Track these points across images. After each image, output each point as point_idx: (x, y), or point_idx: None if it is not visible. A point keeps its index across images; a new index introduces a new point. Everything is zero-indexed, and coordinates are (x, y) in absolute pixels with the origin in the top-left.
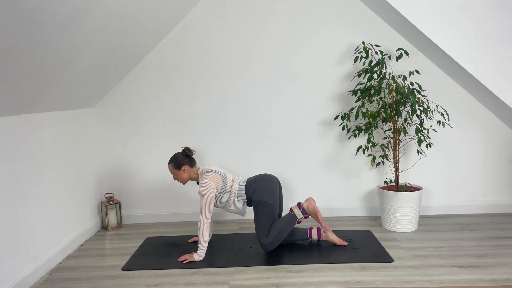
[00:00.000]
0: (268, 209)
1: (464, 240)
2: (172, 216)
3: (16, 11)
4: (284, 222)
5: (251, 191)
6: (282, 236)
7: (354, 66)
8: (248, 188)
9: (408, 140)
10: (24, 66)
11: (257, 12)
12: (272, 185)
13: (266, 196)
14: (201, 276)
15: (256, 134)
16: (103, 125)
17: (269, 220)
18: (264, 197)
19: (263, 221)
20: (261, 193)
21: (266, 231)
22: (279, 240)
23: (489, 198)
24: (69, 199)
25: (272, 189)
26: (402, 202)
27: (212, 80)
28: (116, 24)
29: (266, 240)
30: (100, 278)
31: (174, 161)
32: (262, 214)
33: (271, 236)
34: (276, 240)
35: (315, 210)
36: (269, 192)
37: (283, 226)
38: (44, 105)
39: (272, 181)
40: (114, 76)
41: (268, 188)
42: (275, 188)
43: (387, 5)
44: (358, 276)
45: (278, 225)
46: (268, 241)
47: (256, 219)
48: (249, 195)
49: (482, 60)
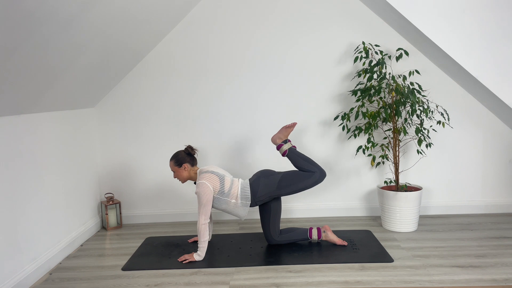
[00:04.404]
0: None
1: (464, 240)
2: (172, 216)
3: (16, 11)
4: (296, 157)
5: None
6: (308, 160)
7: (354, 66)
8: (255, 187)
9: (408, 140)
10: (24, 66)
11: (257, 13)
12: (274, 171)
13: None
14: (201, 276)
15: (256, 134)
16: (103, 125)
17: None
18: (277, 176)
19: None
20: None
21: (309, 175)
22: (312, 163)
23: (489, 198)
24: (69, 199)
25: (276, 173)
26: (402, 202)
27: (212, 80)
28: (116, 24)
29: (316, 173)
30: (100, 278)
31: (176, 158)
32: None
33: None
34: (312, 165)
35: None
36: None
37: (301, 158)
38: (44, 105)
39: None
40: (114, 76)
41: (272, 173)
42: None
43: (387, 5)
44: (358, 276)
45: (302, 164)
46: (318, 170)
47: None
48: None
49: (482, 60)
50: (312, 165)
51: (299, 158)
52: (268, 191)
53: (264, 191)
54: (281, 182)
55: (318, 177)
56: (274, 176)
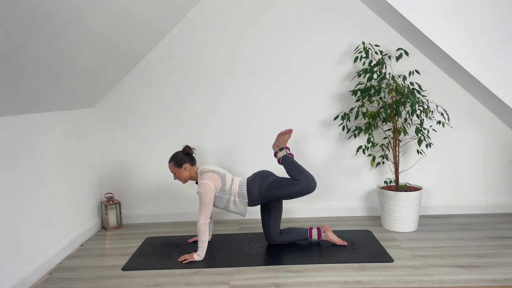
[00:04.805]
0: (280, 179)
1: (464, 240)
2: (172, 216)
3: (16, 11)
4: (288, 166)
5: (257, 186)
6: (300, 170)
7: (354, 66)
8: (251, 186)
9: (408, 140)
10: (24, 66)
11: (257, 13)
12: (272, 173)
13: (271, 177)
14: (201, 276)
15: (256, 134)
16: (103, 125)
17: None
18: (271, 179)
19: (286, 185)
20: (266, 180)
21: (295, 182)
22: (303, 173)
23: (489, 198)
24: (69, 199)
25: (274, 175)
26: (402, 202)
27: (212, 80)
28: (116, 24)
29: (301, 183)
30: (100, 278)
31: (175, 159)
32: (280, 183)
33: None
34: (302, 174)
35: (280, 137)
36: (272, 175)
37: (291, 167)
38: (44, 105)
39: (270, 172)
40: (114, 76)
41: (270, 174)
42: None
43: (387, 5)
44: (358, 276)
45: (291, 172)
46: (302, 181)
47: (284, 193)
48: (255, 192)
49: (482, 60)
50: (301, 174)
51: (291, 166)
52: (260, 192)
53: (257, 191)
54: (270, 186)
55: (303, 186)
56: (269, 178)
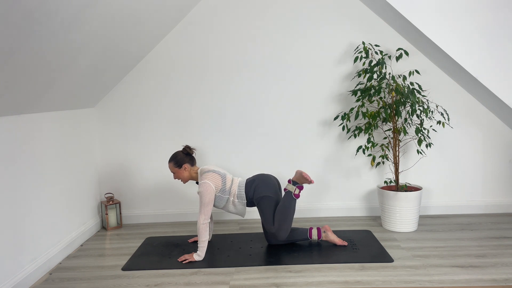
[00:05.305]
0: (270, 202)
1: (464, 240)
2: (172, 216)
3: (16, 11)
4: (282, 203)
5: (252, 190)
6: (287, 218)
7: (354, 66)
8: (248, 188)
9: (408, 140)
10: (24, 66)
11: (256, 13)
12: (271, 182)
13: (266, 190)
14: (201, 276)
15: (255, 134)
16: (103, 125)
17: (273, 212)
18: (264, 192)
19: (267, 214)
20: (261, 189)
21: (271, 221)
22: (285, 222)
23: (489, 198)
24: (69, 199)
25: (271, 185)
26: (402, 202)
27: (211, 80)
28: (116, 25)
29: (274, 227)
30: (100, 278)
31: (175, 159)
32: (266, 207)
33: (276, 221)
34: (283, 224)
35: (301, 175)
36: (268, 187)
37: (283, 207)
38: (44, 105)
39: (270, 179)
40: (114, 76)
41: (267, 184)
42: (275, 185)
43: (387, 5)
44: (358, 276)
45: (278, 210)
46: (275, 227)
47: (261, 215)
48: (249, 196)
49: (482, 60)
50: (283, 222)
51: (284, 207)
52: (253, 196)
53: (251, 194)
54: (259, 200)
55: (273, 230)
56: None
